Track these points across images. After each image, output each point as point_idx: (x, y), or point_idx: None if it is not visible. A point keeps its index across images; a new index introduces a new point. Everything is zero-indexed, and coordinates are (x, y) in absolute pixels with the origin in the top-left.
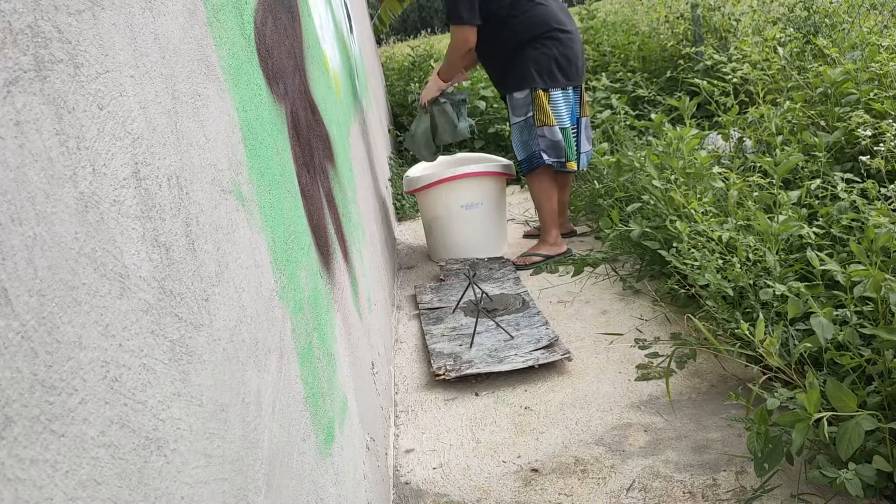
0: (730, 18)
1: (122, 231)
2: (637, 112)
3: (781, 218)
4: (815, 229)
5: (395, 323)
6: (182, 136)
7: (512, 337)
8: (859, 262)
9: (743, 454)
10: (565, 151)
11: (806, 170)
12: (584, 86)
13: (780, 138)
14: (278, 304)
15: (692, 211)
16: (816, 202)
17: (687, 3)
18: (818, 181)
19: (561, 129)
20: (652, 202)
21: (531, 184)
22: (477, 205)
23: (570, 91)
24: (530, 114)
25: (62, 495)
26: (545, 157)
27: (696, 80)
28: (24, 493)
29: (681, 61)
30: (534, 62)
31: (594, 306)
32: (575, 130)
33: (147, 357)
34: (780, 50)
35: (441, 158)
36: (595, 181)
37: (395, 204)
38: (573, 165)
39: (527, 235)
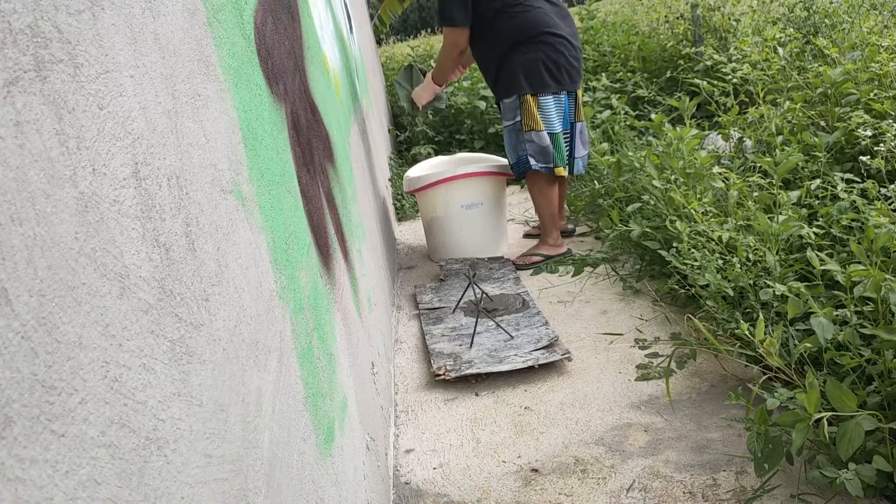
0: (730, 18)
1: (122, 231)
2: (637, 112)
3: (781, 218)
4: (815, 229)
5: (395, 323)
6: (182, 136)
7: (512, 337)
8: (859, 262)
9: (743, 454)
10: (553, 157)
11: (806, 170)
12: (580, 90)
13: (780, 138)
14: (278, 304)
15: (692, 211)
16: (816, 202)
17: (687, 3)
18: (818, 181)
19: (551, 134)
20: (652, 202)
21: (530, 186)
22: (477, 205)
23: (562, 96)
24: (518, 118)
25: (62, 495)
26: (532, 161)
27: (696, 81)
28: (24, 493)
29: (681, 61)
30: (522, 67)
31: (594, 306)
32: (568, 135)
33: (147, 357)
34: (780, 50)
35: (441, 158)
36: (595, 181)
37: (395, 204)
38: (562, 171)
39: (527, 235)
